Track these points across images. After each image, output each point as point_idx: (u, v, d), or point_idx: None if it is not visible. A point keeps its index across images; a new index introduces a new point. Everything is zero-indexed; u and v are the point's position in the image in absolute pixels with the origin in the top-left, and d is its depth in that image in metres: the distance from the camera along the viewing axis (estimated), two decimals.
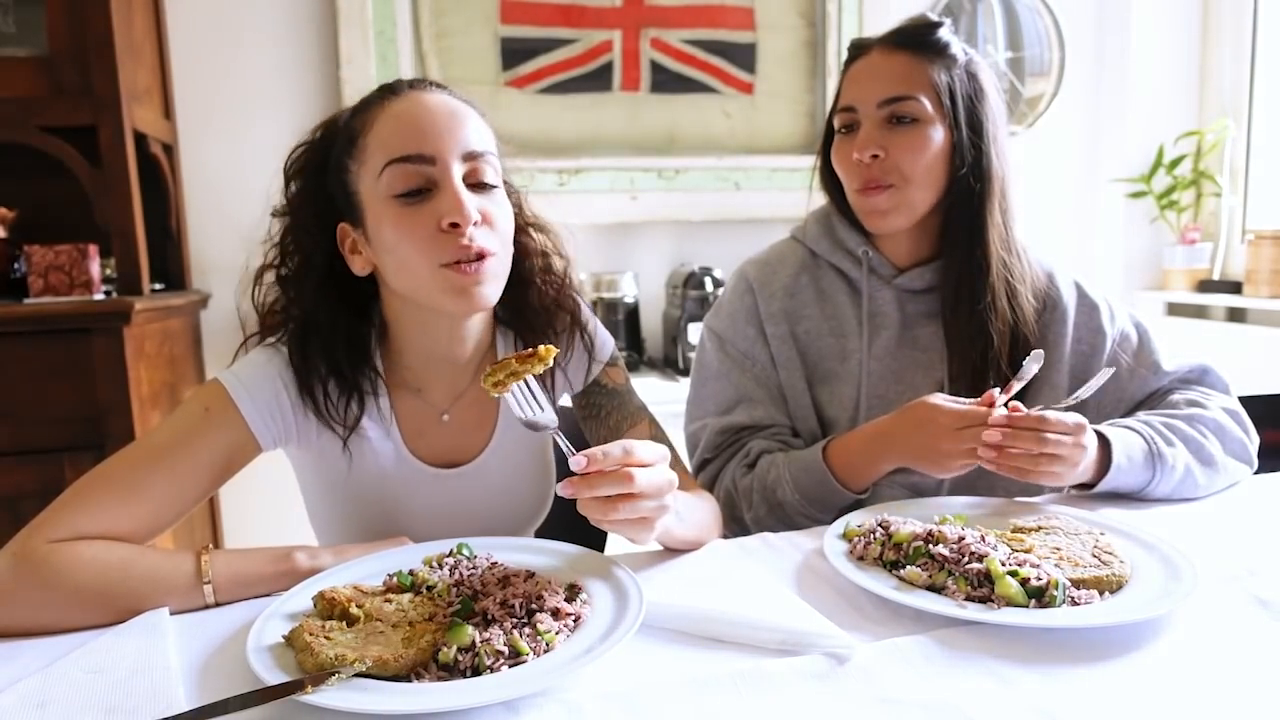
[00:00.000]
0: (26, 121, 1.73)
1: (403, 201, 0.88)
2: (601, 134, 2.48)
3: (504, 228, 0.93)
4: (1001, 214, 1.16)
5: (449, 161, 0.89)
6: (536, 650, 0.69)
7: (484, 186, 0.92)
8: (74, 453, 1.64)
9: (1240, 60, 2.64)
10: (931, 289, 1.20)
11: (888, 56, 1.13)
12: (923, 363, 1.19)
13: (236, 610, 0.81)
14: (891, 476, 1.17)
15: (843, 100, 1.16)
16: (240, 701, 0.61)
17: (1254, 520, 1.02)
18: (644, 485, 0.74)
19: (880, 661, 0.69)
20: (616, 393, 1.09)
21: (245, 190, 2.22)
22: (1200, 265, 2.63)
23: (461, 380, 1.03)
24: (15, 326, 1.60)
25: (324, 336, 0.95)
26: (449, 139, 0.89)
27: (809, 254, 1.26)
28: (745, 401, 1.20)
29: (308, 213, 0.96)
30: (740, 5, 2.50)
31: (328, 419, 0.95)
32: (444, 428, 1.02)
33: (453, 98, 0.94)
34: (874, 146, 1.11)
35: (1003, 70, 2.68)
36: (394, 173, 0.88)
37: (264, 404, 0.93)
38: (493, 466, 1.05)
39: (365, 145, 0.91)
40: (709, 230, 2.54)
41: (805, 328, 1.21)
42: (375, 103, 0.92)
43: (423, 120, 0.89)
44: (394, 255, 0.90)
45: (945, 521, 0.92)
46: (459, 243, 0.87)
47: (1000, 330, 1.15)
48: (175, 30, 2.14)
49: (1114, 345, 1.21)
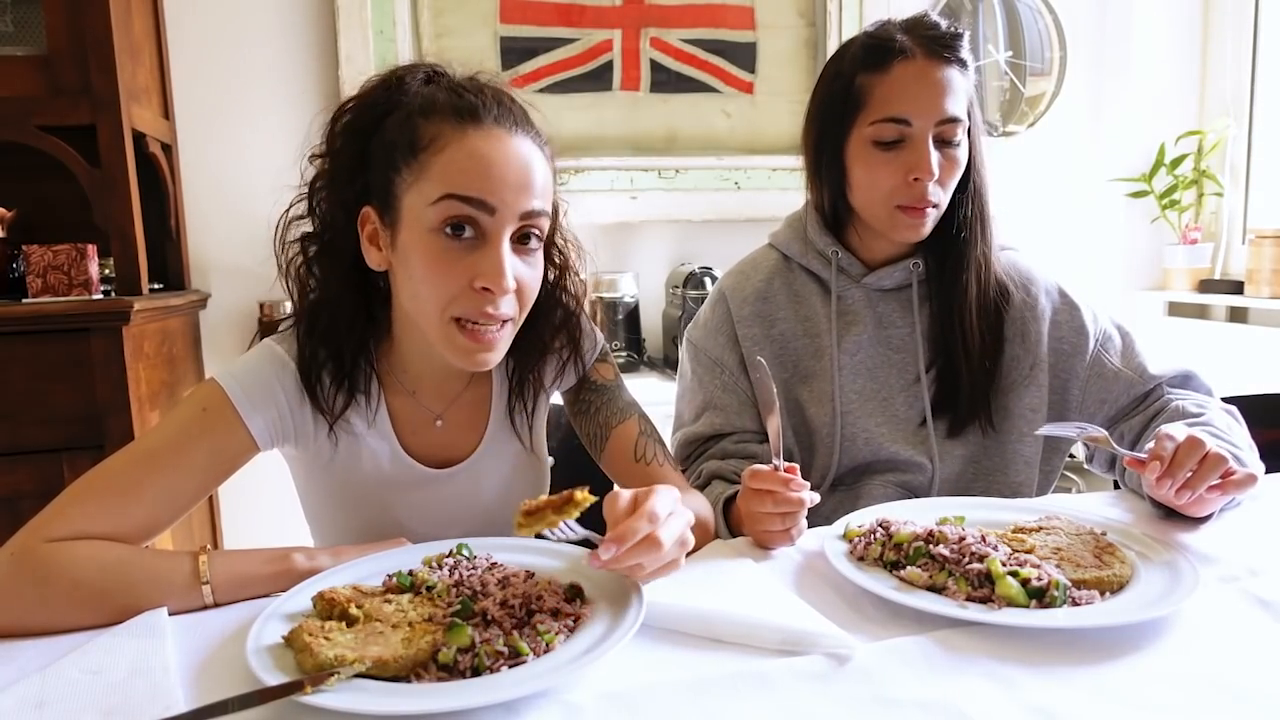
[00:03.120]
0: (25, 121, 1.72)
1: (445, 238, 0.86)
2: (601, 134, 2.48)
3: (530, 294, 0.92)
4: (981, 218, 1.17)
5: (506, 218, 0.86)
6: (536, 651, 0.69)
7: (528, 245, 0.90)
8: (73, 453, 1.63)
9: (1241, 59, 2.63)
10: (902, 288, 1.21)
11: (939, 68, 1.08)
12: (896, 362, 1.20)
13: (235, 611, 0.81)
14: (884, 475, 1.18)
15: (893, 109, 1.08)
16: (239, 702, 0.61)
17: (1254, 520, 1.01)
18: (669, 544, 0.75)
19: (880, 662, 0.69)
20: (605, 389, 1.09)
21: (244, 190, 2.22)
22: (1201, 265, 2.63)
23: (456, 385, 1.03)
24: (14, 326, 1.60)
25: (334, 321, 0.94)
26: (515, 196, 0.86)
27: (782, 258, 1.27)
28: (711, 409, 1.22)
29: (345, 176, 0.92)
30: (740, 5, 2.49)
31: (320, 403, 0.94)
32: (436, 431, 1.03)
33: (528, 139, 0.89)
34: (935, 168, 1.08)
35: (1003, 70, 2.68)
36: (449, 207, 0.85)
37: (261, 404, 0.92)
38: (485, 466, 1.05)
39: (427, 163, 0.86)
40: (709, 230, 2.54)
41: (780, 329, 1.23)
42: (453, 121, 0.86)
43: (498, 168, 0.85)
44: (413, 283, 0.89)
45: (946, 522, 0.92)
46: (483, 307, 0.87)
47: (975, 328, 1.16)
48: (174, 30, 2.13)
49: (1096, 345, 1.20)
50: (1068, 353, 1.20)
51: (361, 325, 0.96)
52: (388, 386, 1.00)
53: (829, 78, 1.16)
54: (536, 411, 1.08)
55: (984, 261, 1.18)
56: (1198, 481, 0.90)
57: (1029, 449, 1.19)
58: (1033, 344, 1.19)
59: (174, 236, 2.12)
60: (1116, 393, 1.19)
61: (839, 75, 1.14)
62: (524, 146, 0.88)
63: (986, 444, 1.19)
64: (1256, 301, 2.39)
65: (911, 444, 1.18)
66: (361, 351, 0.97)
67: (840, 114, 1.13)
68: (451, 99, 0.88)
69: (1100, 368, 1.19)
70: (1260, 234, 2.39)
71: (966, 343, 1.16)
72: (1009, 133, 2.71)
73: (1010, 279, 1.21)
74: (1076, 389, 1.20)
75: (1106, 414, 1.20)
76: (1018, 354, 1.19)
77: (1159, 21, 2.67)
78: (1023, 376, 1.18)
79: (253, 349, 0.98)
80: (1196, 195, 2.67)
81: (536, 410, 1.08)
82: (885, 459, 1.18)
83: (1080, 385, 1.20)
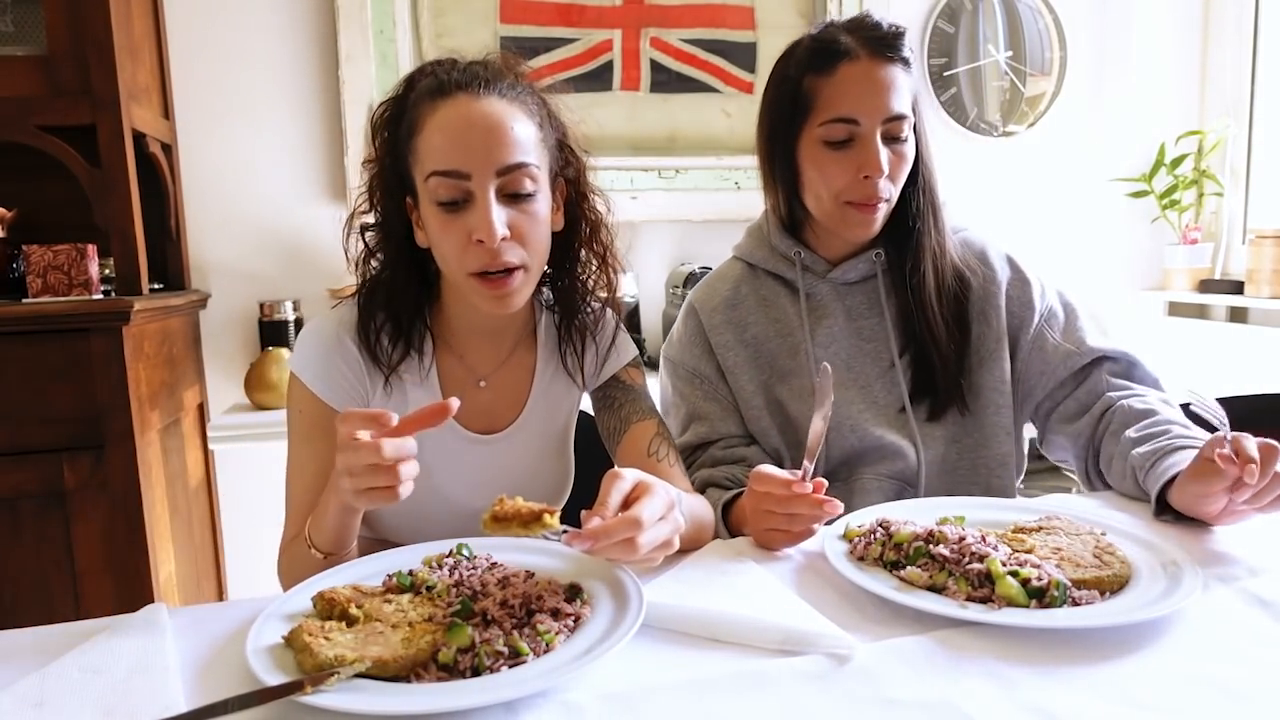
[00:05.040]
0: (25, 121, 1.72)
1: (443, 208, 0.95)
2: (601, 133, 2.47)
3: (536, 239, 0.98)
4: (932, 208, 1.20)
5: (484, 178, 0.93)
6: (536, 651, 0.69)
7: (520, 197, 0.96)
8: (73, 453, 1.63)
9: (1242, 59, 2.63)
10: (868, 279, 1.24)
11: (882, 67, 1.11)
12: (870, 351, 1.23)
13: (236, 610, 0.81)
14: (874, 467, 1.20)
15: (839, 110, 1.11)
16: (239, 702, 0.61)
17: (1254, 520, 1.01)
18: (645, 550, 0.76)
19: (881, 662, 0.69)
20: (632, 389, 1.13)
21: (244, 190, 2.22)
22: (1202, 265, 2.63)
23: (502, 350, 1.11)
24: (14, 326, 1.60)
25: (393, 290, 1.04)
26: (486, 156, 0.93)
27: (747, 267, 1.29)
28: (696, 419, 1.24)
29: (388, 170, 1.01)
30: (740, 5, 2.50)
31: (376, 356, 1.03)
32: (480, 393, 1.09)
33: (500, 100, 0.96)
34: (885, 164, 1.11)
35: (1003, 70, 2.68)
36: (435, 183, 0.94)
37: (334, 382, 1.02)
38: (521, 439, 1.11)
39: (417, 146, 0.96)
40: (709, 230, 2.54)
41: (753, 333, 1.24)
42: (428, 102, 0.95)
43: (463, 135, 0.93)
44: (437, 251, 0.99)
45: (946, 522, 0.92)
46: (487, 259, 0.94)
47: (939, 315, 1.19)
48: (174, 30, 2.13)
49: (1040, 320, 1.24)
50: (1016, 326, 1.24)
51: (416, 291, 1.05)
52: (439, 346, 1.08)
53: (776, 81, 1.19)
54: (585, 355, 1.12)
55: (939, 250, 1.21)
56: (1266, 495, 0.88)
57: (1005, 419, 1.22)
58: (995, 319, 1.22)
59: (174, 236, 2.12)
60: (1054, 365, 1.22)
61: (786, 79, 1.16)
62: (494, 105, 0.95)
63: (965, 423, 1.22)
64: (1256, 301, 2.39)
65: (895, 428, 1.21)
66: (417, 313, 1.06)
67: (790, 116, 1.16)
68: (429, 82, 0.97)
69: (1041, 341, 1.23)
70: (1260, 234, 2.39)
71: (933, 330, 1.20)
72: (1009, 133, 2.71)
73: (967, 263, 1.24)
74: (1020, 361, 1.24)
75: (1045, 387, 1.23)
76: (983, 332, 1.22)
77: (1159, 21, 2.67)
78: (990, 352, 1.22)
79: (308, 327, 1.06)
80: (1197, 195, 2.67)
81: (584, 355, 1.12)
82: (873, 446, 1.20)
83: (1023, 358, 1.24)
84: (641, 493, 0.78)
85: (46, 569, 1.64)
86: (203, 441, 2.17)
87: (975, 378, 1.22)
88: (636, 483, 0.79)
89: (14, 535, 1.61)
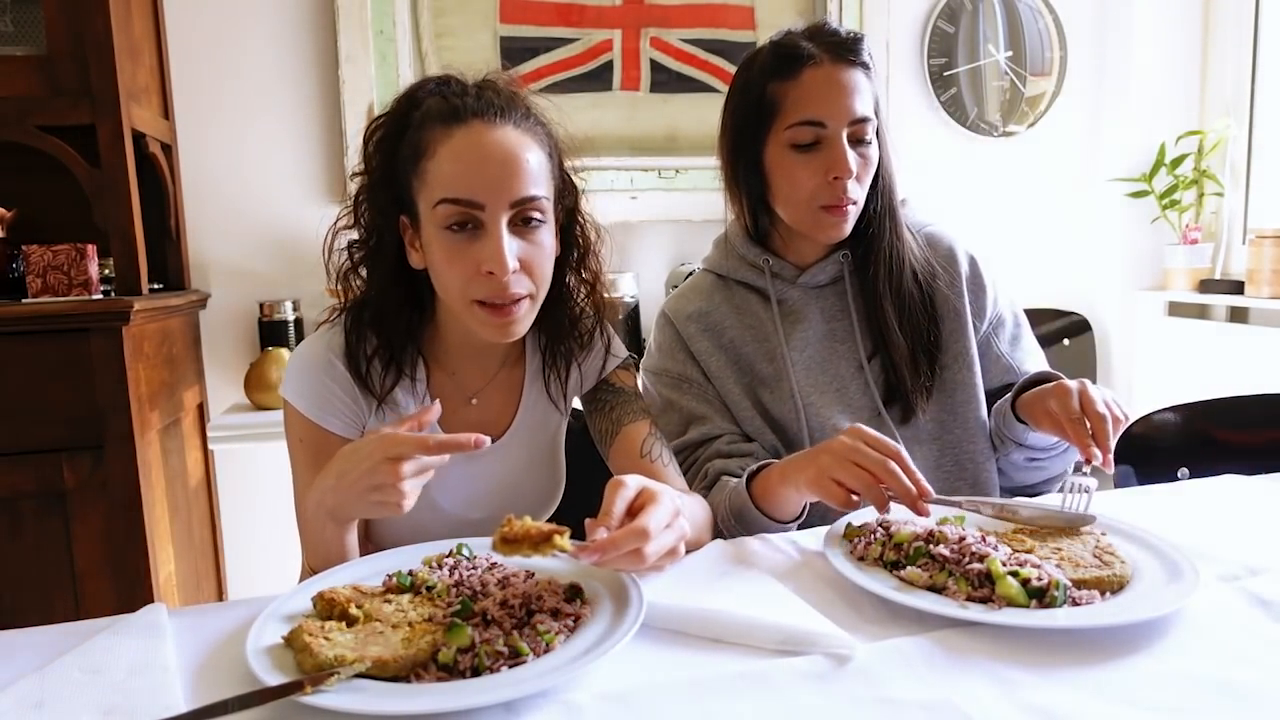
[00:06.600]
0: (24, 121, 1.72)
1: (451, 235, 0.93)
2: (601, 134, 2.47)
3: (542, 268, 0.98)
4: (890, 212, 1.21)
5: (497, 209, 0.92)
6: (536, 651, 0.69)
7: (529, 228, 0.95)
8: (72, 453, 1.63)
9: (1242, 59, 2.63)
10: (836, 280, 1.25)
11: (845, 72, 1.12)
12: (843, 353, 1.24)
13: (236, 610, 0.81)
14: None
15: (807, 113, 1.12)
16: (239, 702, 0.61)
17: (1254, 520, 1.01)
18: (652, 559, 0.78)
19: (880, 662, 0.69)
20: (623, 391, 1.13)
21: (244, 190, 2.22)
22: (1202, 265, 2.63)
23: (491, 366, 1.10)
24: (13, 326, 1.60)
25: (382, 313, 1.02)
26: (501, 187, 0.92)
27: (717, 278, 1.30)
28: (694, 421, 1.23)
29: (381, 187, 0.99)
30: (740, 5, 2.50)
31: (366, 384, 1.02)
32: (471, 410, 1.09)
33: (513, 127, 0.95)
34: (854, 165, 1.12)
35: (1003, 70, 2.68)
36: (446, 210, 0.92)
37: (329, 408, 1.01)
38: (511, 451, 1.11)
39: (426, 169, 0.94)
40: (709, 230, 2.51)
41: (729, 337, 1.25)
42: (441, 126, 0.93)
43: (479, 166, 0.92)
44: (438, 276, 0.98)
45: (946, 522, 0.92)
46: (495, 289, 0.93)
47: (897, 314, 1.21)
48: (174, 30, 2.13)
49: (989, 327, 1.27)
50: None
51: (407, 314, 1.04)
52: (431, 366, 1.08)
53: (739, 89, 1.20)
54: (568, 382, 1.13)
55: (896, 253, 1.22)
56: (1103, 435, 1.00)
57: (979, 410, 1.23)
58: (957, 313, 1.24)
59: (174, 236, 2.12)
60: (992, 374, 1.26)
61: (749, 85, 1.17)
62: (509, 136, 0.94)
63: (945, 420, 1.23)
64: (1257, 301, 2.39)
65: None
66: (409, 336, 1.05)
67: (755, 122, 1.16)
68: (440, 104, 0.95)
69: (986, 346, 1.26)
70: (1260, 234, 2.39)
71: (890, 332, 1.21)
72: (1009, 133, 2.71)
73: (932, 263, 1.25)
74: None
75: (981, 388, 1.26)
76: (954, 329, 1.24)
77: (1159, 21, 2.67)
78: (962, 349, 1.23)
79: (298, 353, 1.05)
80: (1197, 195, 2.66)
81: (568, 381, 1.12)
82: None
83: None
84: (646, 501, 0.79)
85: (46, 569, 1.64)
86: (202, 441, 2.17)
87: (949, 374, 1.23)
88: (640, 490, 0.79)
89: (14, 535, 1.61)
